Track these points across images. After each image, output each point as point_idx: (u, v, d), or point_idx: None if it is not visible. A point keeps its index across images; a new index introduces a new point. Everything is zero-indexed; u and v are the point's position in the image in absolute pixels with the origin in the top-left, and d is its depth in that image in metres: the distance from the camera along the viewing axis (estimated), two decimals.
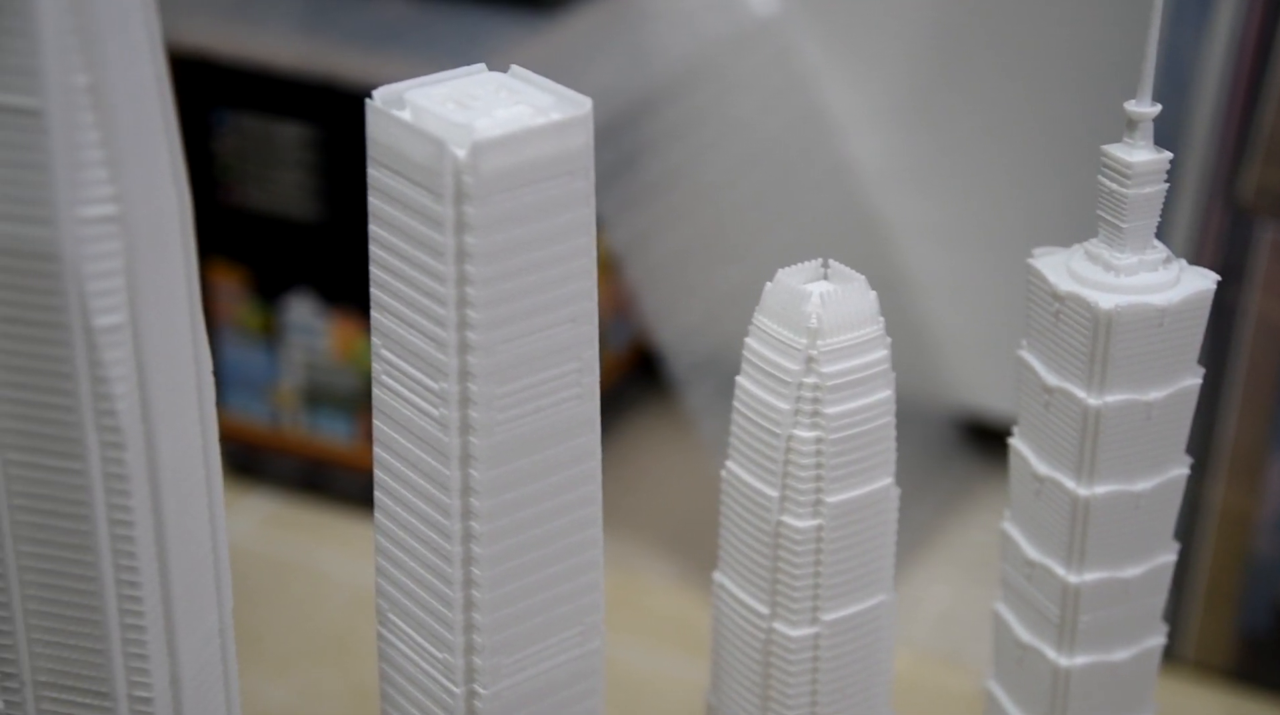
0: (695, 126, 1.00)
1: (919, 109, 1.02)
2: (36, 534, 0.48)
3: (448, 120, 0.48)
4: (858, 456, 0.55)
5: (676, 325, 0.94)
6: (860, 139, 1.04)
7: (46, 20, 0.42)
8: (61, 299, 0.45)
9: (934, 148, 1.03)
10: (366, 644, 0.95)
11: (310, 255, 1.01)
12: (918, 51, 1.01)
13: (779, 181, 1.03)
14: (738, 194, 1.00)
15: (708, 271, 0.97)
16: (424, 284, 0.50)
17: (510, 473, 0.51)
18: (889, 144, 1.04)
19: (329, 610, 0.97)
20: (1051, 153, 0.99)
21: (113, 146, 0.44)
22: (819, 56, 1.04)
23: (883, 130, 1.03)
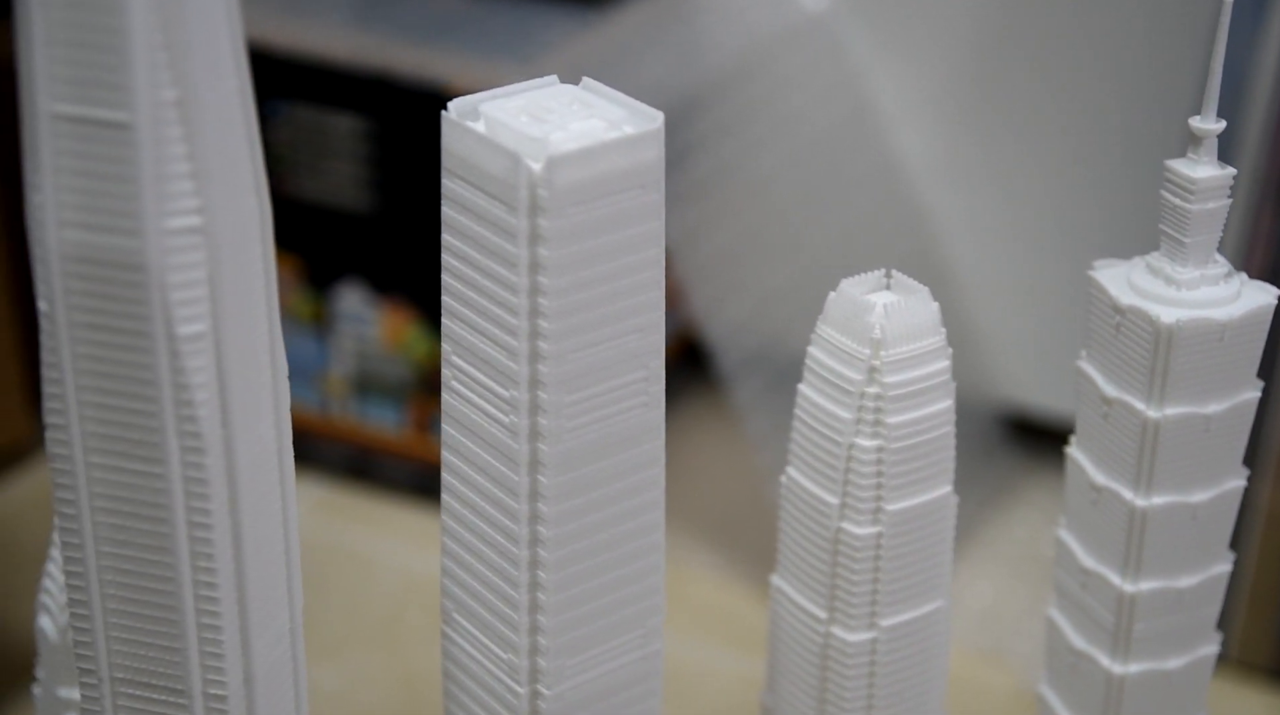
0: (745, 122, 1.01)
1: (967, 104, 1.02)
2: (116, 535, 0.49)
3: (523, 134, 0.49)
4: (918, 465, 0.55)
5: (726, 320, 0.95)
6: (909, 134, 1.05)
7: (138, 37, 0.43)
8: (146, 308, 0.46)
9: (982, 143, 1.03)
10: (415, 630, 0.96)
11: (361, 245, 1.02)
12: (967, 46, 1.02)
13: (828, 177, 1.03)
14: (787, 189, 1.01)
15: (757, 267, 0.98)
16: (496, 294, 0.50)
17: (577, 478, 0.52)
18: (938, 139, 1.04)
19: (377, 596, 0.98)
20: (1098, 148, 1.00)
21: (198, 159, 0.45)
22: (868, 51, 1.04)
23: (931, 125, 1.04)
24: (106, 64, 0.44)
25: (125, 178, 0.45)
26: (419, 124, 0.98)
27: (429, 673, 0.93)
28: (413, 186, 1.01)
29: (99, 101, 0.44)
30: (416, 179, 1.00)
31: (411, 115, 0.98)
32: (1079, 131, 1.00)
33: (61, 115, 0.44)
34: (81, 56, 0.44)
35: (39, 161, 0.45)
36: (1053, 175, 1.02)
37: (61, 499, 0.49)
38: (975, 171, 1.04)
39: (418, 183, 1.00)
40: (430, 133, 0.99)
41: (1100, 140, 0.99)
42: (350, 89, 0.99)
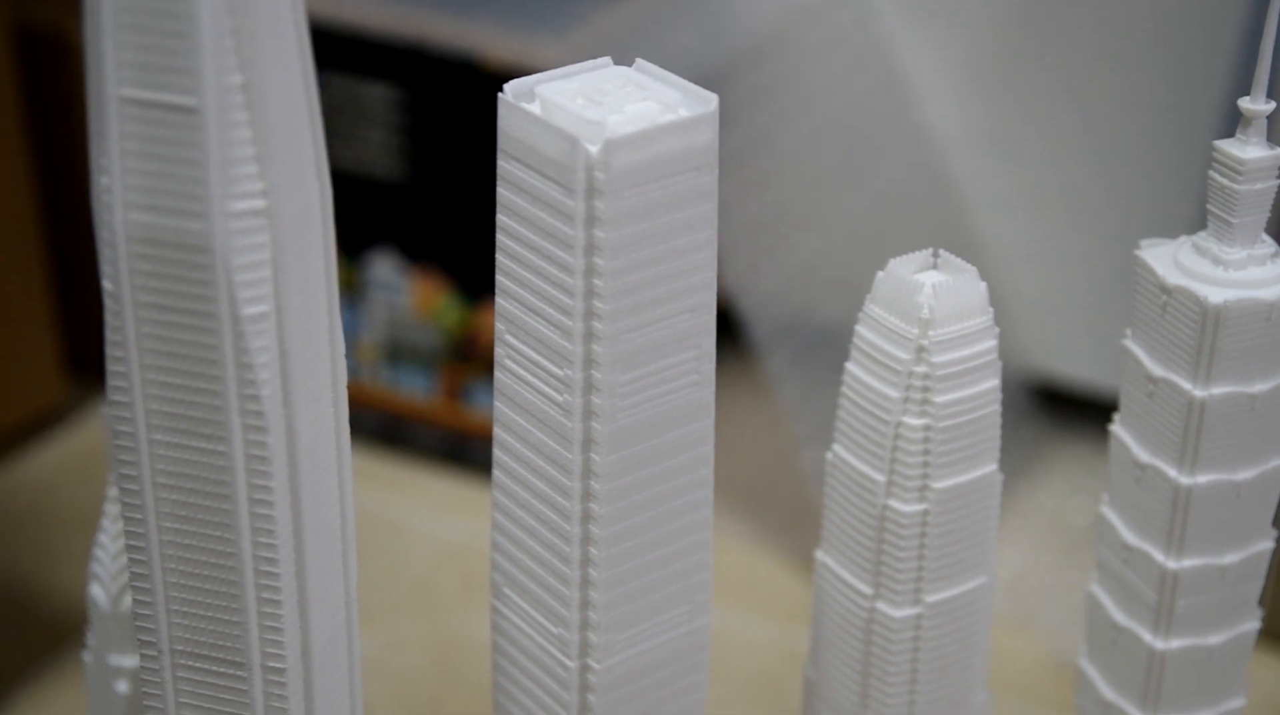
0: (776, 93, 1.01)
1: (998, 74, 1.02)
2: (178, 511, 0.50)
3: (580, 116, 0.49)
4: (964, 443, 0.56)
5: (757, 291, 0.95)
6: (940, 104, 1.05)
7: (206, 23, 0.44)
8: (211, 289, 0.46)
9: (1013, 113, 1.03)
10: (448, 596, 0.97)
11: (394, 214, 1.02)
12: (999, 16, 1.01)
13: (859, 148, 1.03)
14: (819, 160, 1.01)
15: (789, 238, 0.98)
16: (552, 274, 0.51)
17: (629, 456, 0.53)
18: (969, 109, 1.04)
19: (411, 563, 0.99)
20: (1128, 119, 1.00)
21: (263, 143, 0.46)
22: (899, 21, 1.04)
23: (963, 96, 1.04)
24: (175, 49, 0.44)
25: (192, 161, 0.45)
26: (452, 94, 0.99)
27: (463, 638, 0.94)
28: (445, 156, 1.01)
29: (167, 86, 0.45)
30: (449, 148, 1.01)
31: (445, 85, 0.99)
32: (1110, 103, 1.00)
33: (129, 99, 0.45)
34: (151, 42, 0.44)
35: (106, 145, 0.46)
36: (1083, 146, 1.02)
37: (124, 475, 0.50)
38: (1005, 142, 1.04)
39: (450, 152, 1.01)
40: (463, 103, 1.00)
41: (1132, 112, 0.99)
42: (384, 58, 0.99)
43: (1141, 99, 0.99)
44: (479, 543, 1.01)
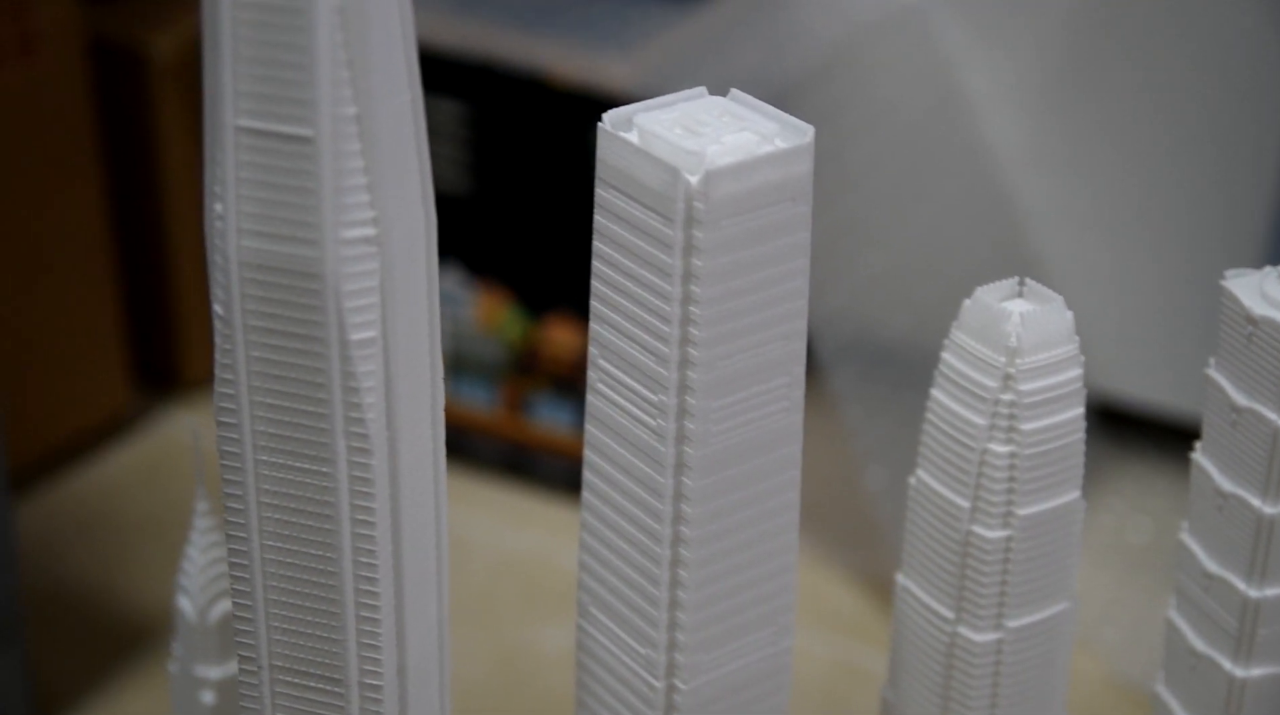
0: (840, 111, 1.01)
1: (1059, 93, 1.03)
2: (281, 530, 0.51)
3: (679, 147, 0.50)
4: (1049, 471, 0.56)
5: (822, 308, 0.96)
6: (1002, 122, 1.05)
7: (323, 56, 0.45)
8: (321, 315, 0.47)
9: (1073, 132, 1.03)
10: (509, 607, 0.98)
11: (459, 228, 1.03)
12: (1060, 35, 1.02)
13: (921, 165, 1.04)
14: (881, 178, 1.02)
15: (852, 255, 0.99)
16: (648, 301, 0.52)
17: (720, 481, 0.54)
18: (1030, 128, 1.04)
19: (471, 575, 1.00)
20: (1189, 138, 1.00)
21: (374, 172, 0.47)
22: (961, 40, 1.05)
23: (1024, 114, 1.04)
24: (293, 81, 0.45)
25: (306, 189, 0.46)
26: (519, 110, 1.00)
27: (524, 649, 0.95)
28: (510, 171, 1.02)
29: (284, 117, 0.46)
30: (514, 164, 1.02)
31: (511, 101, 1.00)
32: (1176, 122, 1.00)
33: (246, 129, 0.46)
34: (269, 74, 0.45)
35: (222, 173, 0.47)
36: (1145, 165, 1.02)
37: (230, 495, 0.51)
38: (1066, 160, 1.04)
39: (515, 168, 1.02)
40: (528, 119, 1.01)
41: (1191, 128, 1.00)
42: (452, 75, 1.00)
43: (1208, 118, 0.99)
44: (539, 554, 1.02)
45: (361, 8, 0.45)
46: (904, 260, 1.01)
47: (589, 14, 1.00)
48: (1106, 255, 1.05)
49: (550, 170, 1.01)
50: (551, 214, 1.02)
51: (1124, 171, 1.03)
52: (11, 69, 0.95)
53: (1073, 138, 1.04)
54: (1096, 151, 1.03)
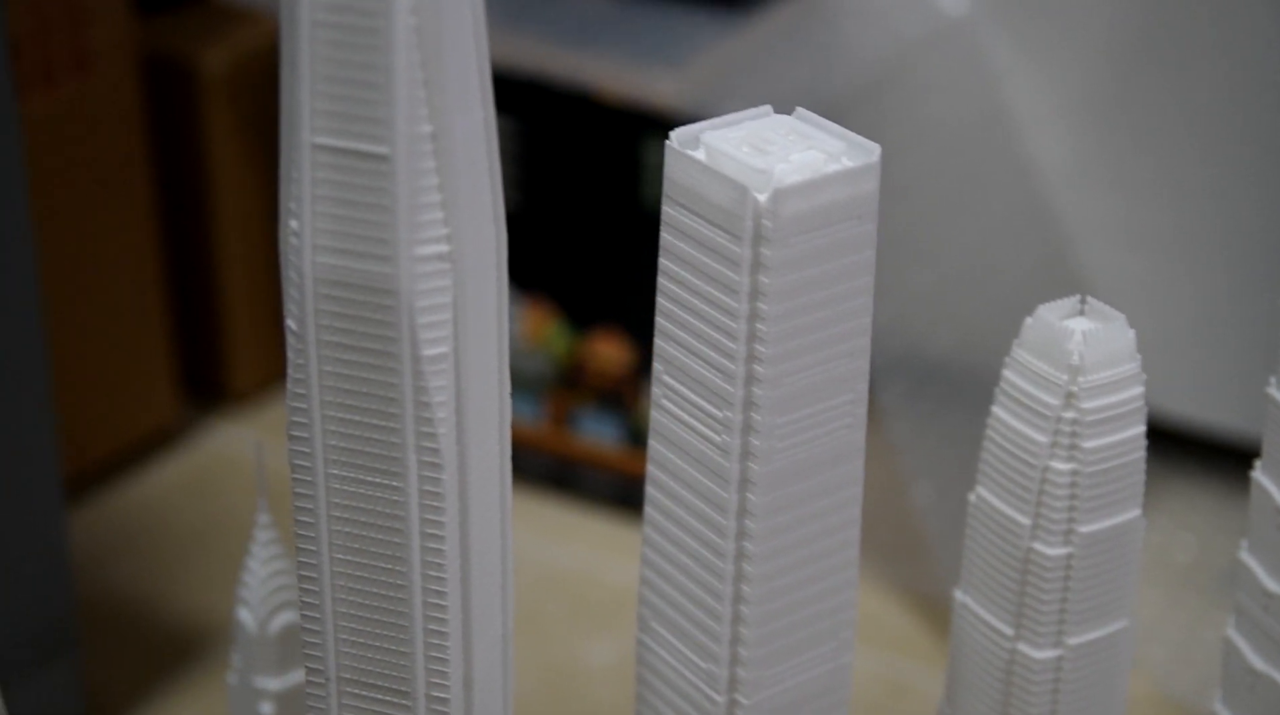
0: (887, 127, 1.02)
1: (1106, 109, 1.03)
2: (351, 543, 0.51)
3: (747, 165, 0.50)
4: (1111, 488, 0.57)
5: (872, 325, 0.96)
6: (1048, 138, 1.05)
7: (400, 74, 0.45)
8: (395, 331, 0.48)
9: (1120, 148, 1.03)
10: (556, 622, 0.98)
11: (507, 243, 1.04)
12: (1107, 51, 1.02)
13: (968, 181, 1.04)
14: (928, 194, 1.02)
15: (900, 271, 0.99)
16: (714, 318, 0.52)
17: (784, 497, 0.54)
18: (1076, 144, 1.05)
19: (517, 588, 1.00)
20: (1234, 153, 1.00)
21: (449, 189, 0.47)
22: (1008, 55, 1.05)
23: (1070, 130, 1.04)
24: (371, 100, 0.46)
25: (381, 207, 0.47)
26: (566, 126, 1.00)
27: (571, 663, 0.95)
28: (558, 187, 1.02)
29: (361, 135, 0.46)
30: (562, 180, 1.02)
31: (559, 117, 1.00)
32: (1215, 138, 1.00)
33: (323, 147, 0.47)
34: (347, 93, 0.46)
35: (298, 190, 0.47)
36: (1188, 180, 1.02)
37: (300, 507, 0.51)
38: (1111, 176, 1.04)
39: (563, 183, 1.02)
40: (577, 135, 1.01)
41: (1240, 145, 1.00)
42: (501, 90, 1.00)
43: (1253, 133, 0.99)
44: (585, 568, 1.03)
45: (438, 27, 0.45)
46: (951, 276, 1.01)
47: (637, 30, 1.01)
48: (1151, 271, 1.05)
49: (598, 185, 1.02)
50: (599, 229, 1.03)
51: (1170, 187, 1.03)
52: (68, 85, 0.96)
53: (1118, 153, 1.04)
54: (1142, 167, 1.03)
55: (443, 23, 0.45)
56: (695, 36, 1.00)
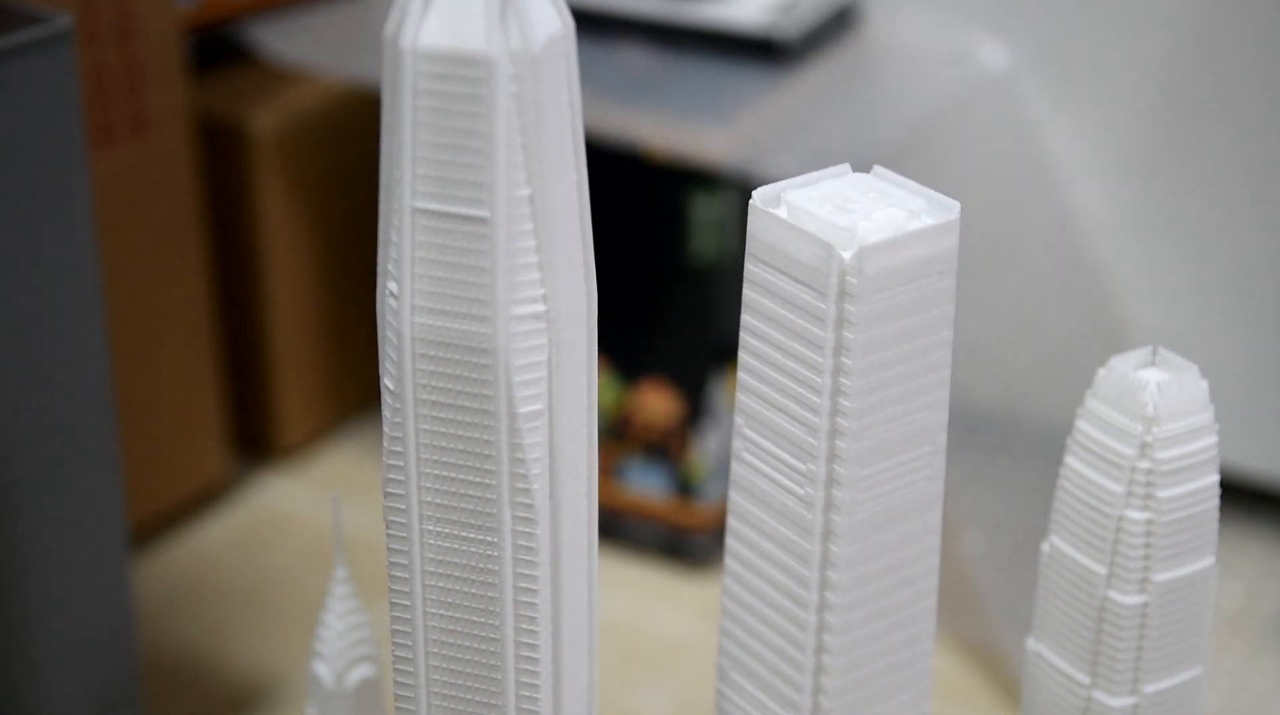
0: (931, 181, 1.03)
1: (1146, 160, 1.04)
2: (445, 597, 0.52)
3: (831, 223, 0.52)
4: (1185, 537, 0.57)
5: None
6: (1088, 190, 1.07)
7: (501, 141, 0.46)
8: (492, 388, 0.49)
9: (1160, 200, 1.05)
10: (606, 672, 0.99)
11: None
12: (1146, 102, 1.03)
13: (1011, 234, 1.05)
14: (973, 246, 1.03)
15: None
16: (798, 372, 0.53)
17: (866, 547, 0.55)
18: (1115, 195, 1.06)
19: None
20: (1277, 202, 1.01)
21: (545, 251, 0.48)
22: (1049, 109, 1.06)
23: (1109, 181, 1.06)
24: (472, 165, 0.47)
25: (480, 268, 0.48)
26: (616, 181, 1.02)
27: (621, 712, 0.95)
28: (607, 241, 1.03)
29: (462, 199, 0.47)
30: (611, 233, 1.03)
31: (609, 172, 1.01)
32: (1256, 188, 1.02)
33: (424, 210, 0.48)
34: (449, 158, 0.47)
35: (398, 253, 0.49)
36: (1230, 231, 1.03)
37: (395, 562, 0.52)
38: (1153, 227, 1.05)
39: (612, 237, 1.03)
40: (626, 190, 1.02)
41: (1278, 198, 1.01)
42: None
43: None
44: (633, 617, 1.03)
45: (536, 95, 0.47)
46: (996, 327, 1.02)
47: (685, 87, 1.02)
48: (1193, 321, 1.06)
49: (647, 239, 1.03)
50: (647, 282, 1.04)
51: (1212, 238, 1.04)
52: (126, 148, 0.98)
53: (1159, 204, 1.05)
54: (1183, 217, 1.04)
55: (541, 91, 0.47)
56: (741, 93, 1.02)
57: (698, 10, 1.05)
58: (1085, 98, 1.05)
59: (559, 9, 0.48)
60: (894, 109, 1.04)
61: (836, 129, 1.01)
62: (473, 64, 0.46)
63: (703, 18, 1.04)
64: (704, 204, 1.01)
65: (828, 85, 1.04)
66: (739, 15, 1.04)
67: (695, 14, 1.05)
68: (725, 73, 1.04)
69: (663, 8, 1.05)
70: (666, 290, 1.04)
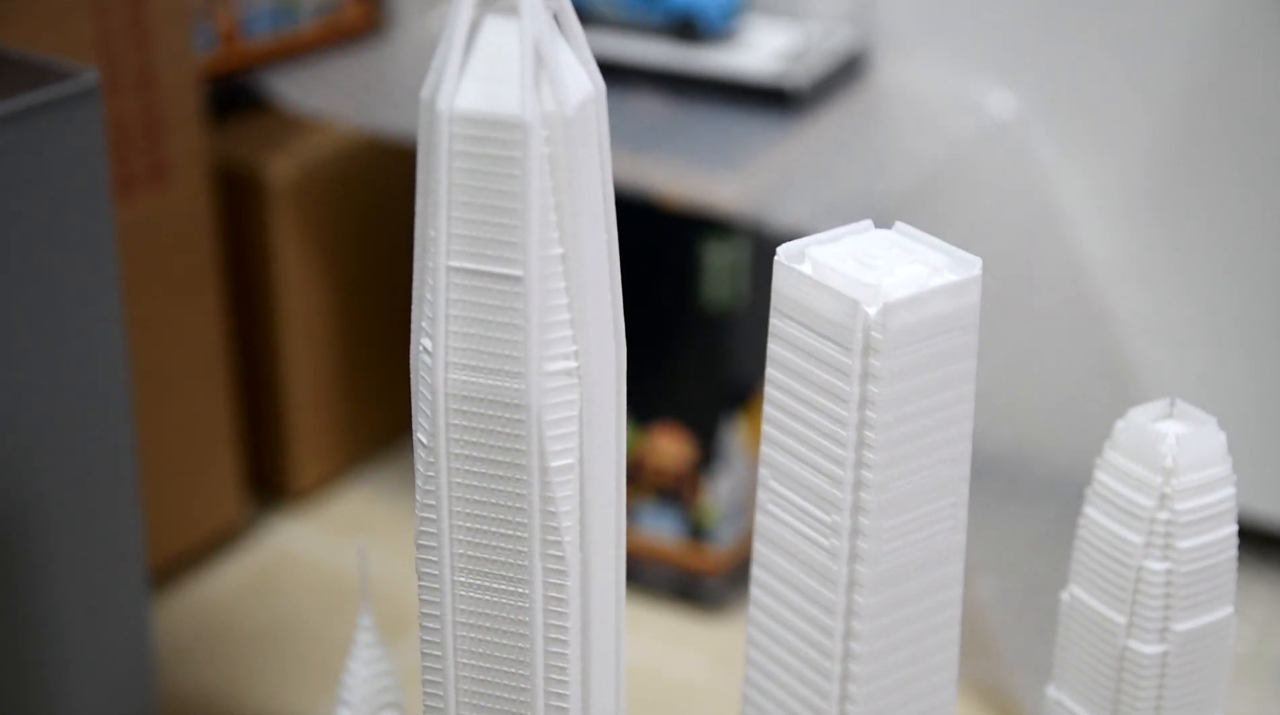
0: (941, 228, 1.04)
1: (1154, 205, 1.05)
2: (476, 648, 0.53)
3: (856, 279, 0.53)
4: (1204, 587, 0.58)
5: None
6: (1097, 236, 1.08)
7: (535, 202, 0.47)
8: (525, 443, 0.50)
9: (1167, 244, 1.06)
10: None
11: None
12: (1152, 148, 1.05)
13: (1020, 279, 1.06)
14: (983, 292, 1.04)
15: None
16: (823, 426, 0.54)
17: (890, 598, 0.56)
18: (1125, 240, 1.07)
19: None
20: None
21: (576, 307, 0.49)
22: (1055, 156, 1.07)
23: (1119, 227, 1.07)
24: (507, 225, 0.48)
25: (513, 326, 0.49)
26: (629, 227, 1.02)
27: None
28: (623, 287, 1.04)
29: (496, 258, 0.48)
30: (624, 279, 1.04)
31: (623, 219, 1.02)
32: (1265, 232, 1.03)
33: (459, 269, 0.49)
34: (484, 218, 0.48)
35: (432, 310, 0.49)
36: (1239, 275, 1.04)
37: (427, 613, 0.53)
38: (1161, 271, 1.06)
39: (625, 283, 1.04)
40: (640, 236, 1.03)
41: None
42: None
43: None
44: (646, 662, 1.04)
45: (569, 156, 0.48)
46: (1006, 372, 1.03)
47: (697, 135, 1.04)
48: (1201, 365, 1.07)
49: (660, 285, 1.04)
50: (660, 327, 1.05)
51: (1219, 282, 1.05)
52: (145, 196, 0.99)
53: (1167, 249, 1.06)
54: (1191, 262, 1.05)
55: (574, 152, 0.48)
56: (753, 141, 1.03)
57: (709, 59, 1.06)
58: (1092, 144, 1.06)
59: (590, 72, 0.49)
60: (903, 156, 1.05)
61: (846, 176, 1.02)
62: (508, 127, 0.47)
63: (714, 67, 1.06)
64: (717, 250, 1.02)
65: (838, 133, 1.05)
66: (750, 64, 1.05)
67: (707, 63, 1.06)
68: (737, 121, 1.05)
69: (675, 57, 1.07)
70: (679, 335, 1.05)
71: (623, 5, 1.08)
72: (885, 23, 1.10)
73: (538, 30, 0.47)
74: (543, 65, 0.47)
